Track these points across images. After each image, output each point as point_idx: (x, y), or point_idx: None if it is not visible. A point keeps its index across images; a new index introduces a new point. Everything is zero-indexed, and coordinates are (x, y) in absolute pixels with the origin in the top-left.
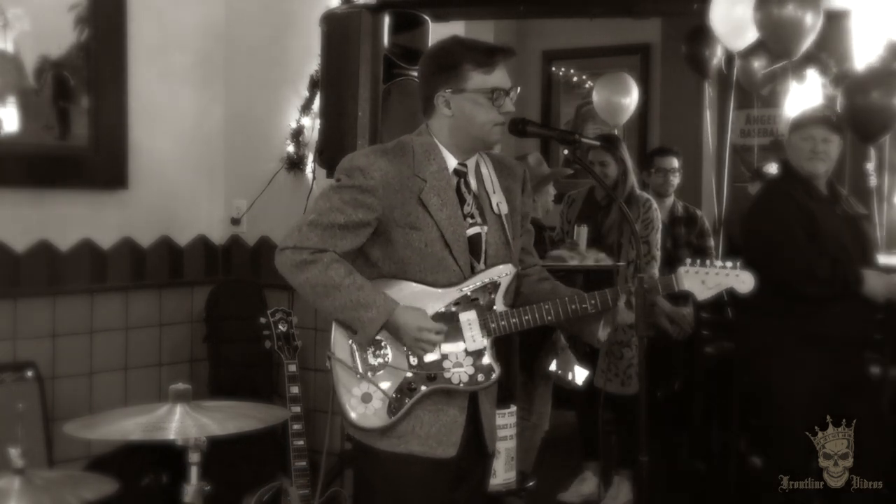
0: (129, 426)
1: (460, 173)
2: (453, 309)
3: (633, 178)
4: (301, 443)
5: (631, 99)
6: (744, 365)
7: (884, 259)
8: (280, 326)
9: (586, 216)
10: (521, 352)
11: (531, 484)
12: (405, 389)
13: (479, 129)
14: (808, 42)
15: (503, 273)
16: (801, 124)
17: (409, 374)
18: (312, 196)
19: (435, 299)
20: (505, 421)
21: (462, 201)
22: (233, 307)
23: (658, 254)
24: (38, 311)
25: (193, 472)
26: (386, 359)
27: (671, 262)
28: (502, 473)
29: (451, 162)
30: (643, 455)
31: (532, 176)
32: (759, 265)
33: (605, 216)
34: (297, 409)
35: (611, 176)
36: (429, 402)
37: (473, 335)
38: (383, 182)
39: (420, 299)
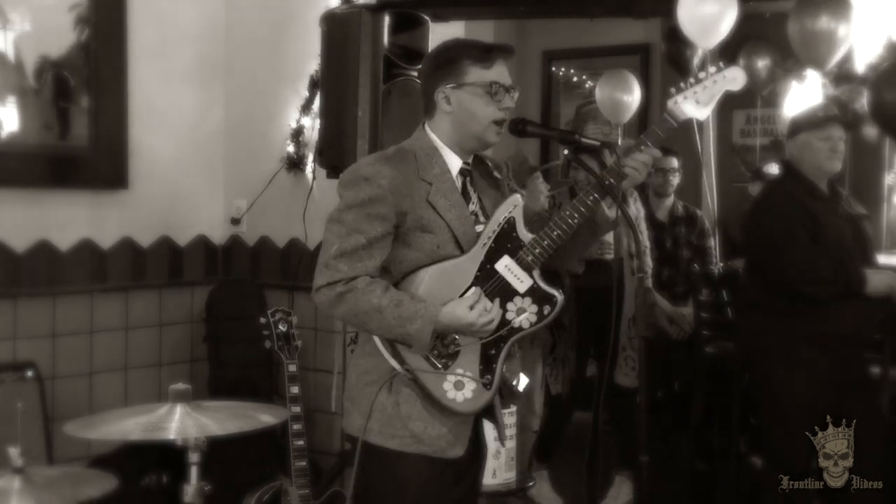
0: (129, 426)
1: (466, 173)
2: (487, 266)
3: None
4: (301, 443)
5: (633, 97)
6: (744, 365)
7: (884, 259)
8: (280, 326)
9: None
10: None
11: (531, 484)
12: (487, 358)
13: (478, 125)
14: (840, 54)
15: (513, 205)
16: (817, 124)
17: (482, 346)
18: (312, 196)
19: (465, 267)
20: (505, 421)
21: (468, 200)
22: (233, 307)
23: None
24: (38, 311)
25: (193, 472)
26: (456, 343)
27: (672, 263)
28: (502, 473)
29: (455, 162)
30: (643, 455)
31: (515, 174)
32: (761, 266)
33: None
34: (297, 409)
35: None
36: (439, 405)
37: (519, 277)
38: (392, 188)
39: (449, 276)
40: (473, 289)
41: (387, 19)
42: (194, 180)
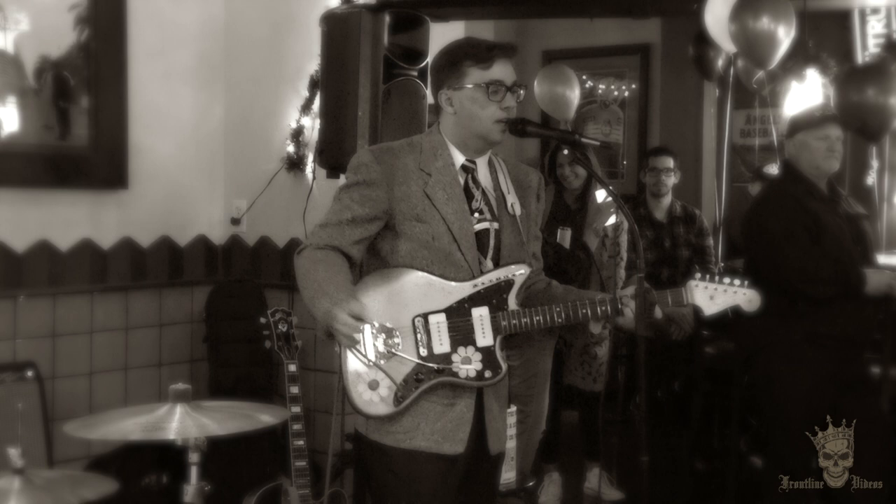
0: (129, 426)
1: (468, 169)
2: (466, 304)
3: None
4: (301, 443)
5: (574, 92)
6: (744, 364)
7: (884, 259)
8: (280, 326)
9: (562, 218)
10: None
11: (531, 484)
12: (412, 380)
13: (480, 125)
14: (782, 52)
15: (518, 272)
16: (814, 124)
17: (418, 366)
18: (312, 196)
19: (448, 293)
20: (506, 421)
21: (470, 197)
22: (233, 307)
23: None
24: (38, 311)
25: (193, 472)
26: (396, 347)
27: (671, 262)
28: (502, 473)
29: (459, 158)
30: (643, 455)
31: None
32: (761, 266)
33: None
34: (297, 409)
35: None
36: (435, 397)
37: (484, 331)
38: (387, 175)
39: (433, 290)
40: (439, 314)
41: (387, 19)
42: (194, 180)
